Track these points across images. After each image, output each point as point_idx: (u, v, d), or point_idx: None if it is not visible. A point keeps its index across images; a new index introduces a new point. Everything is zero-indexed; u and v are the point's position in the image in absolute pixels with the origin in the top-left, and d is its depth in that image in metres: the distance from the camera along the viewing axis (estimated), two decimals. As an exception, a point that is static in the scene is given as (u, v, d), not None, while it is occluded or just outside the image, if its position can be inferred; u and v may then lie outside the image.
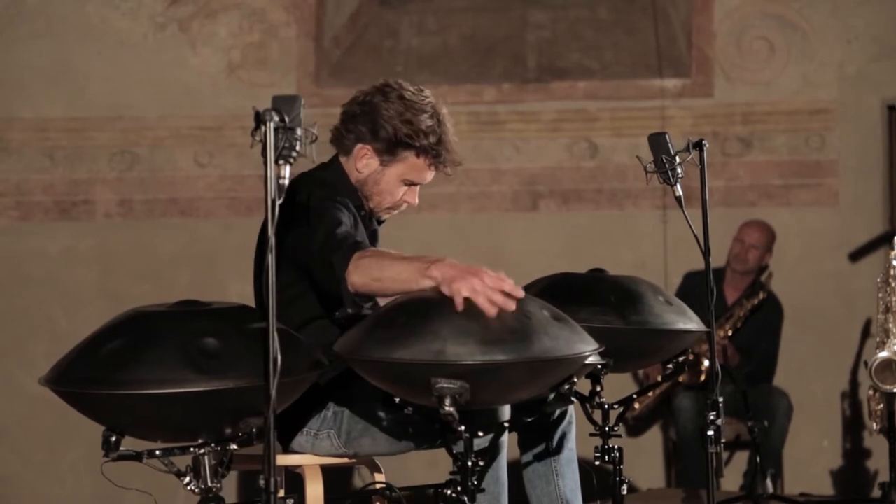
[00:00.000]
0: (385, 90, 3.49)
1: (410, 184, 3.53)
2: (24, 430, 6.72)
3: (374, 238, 3.61)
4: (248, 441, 2.75)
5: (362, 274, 3.03)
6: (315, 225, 3.24)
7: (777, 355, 6.45)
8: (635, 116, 6.74)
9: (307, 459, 3.48)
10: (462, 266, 2.91)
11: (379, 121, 3.45)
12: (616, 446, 3.55)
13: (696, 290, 5.56)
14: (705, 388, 5.95)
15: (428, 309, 2.91)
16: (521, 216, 6.82)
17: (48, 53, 6.78)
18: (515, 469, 3.68)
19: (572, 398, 3.05)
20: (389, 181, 3.51)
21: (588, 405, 3.55)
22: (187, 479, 2.82)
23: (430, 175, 3.54)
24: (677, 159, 3.61)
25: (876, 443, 6.30)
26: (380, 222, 3.65)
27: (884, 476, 5.90)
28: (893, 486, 5.02)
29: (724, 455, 6.40)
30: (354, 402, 3.43)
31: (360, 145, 3.49)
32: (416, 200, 3.57)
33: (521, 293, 2.90)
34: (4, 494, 6.74)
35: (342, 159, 3.54)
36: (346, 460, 3.54)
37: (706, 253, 3.67)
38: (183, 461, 2.84)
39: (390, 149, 3.47)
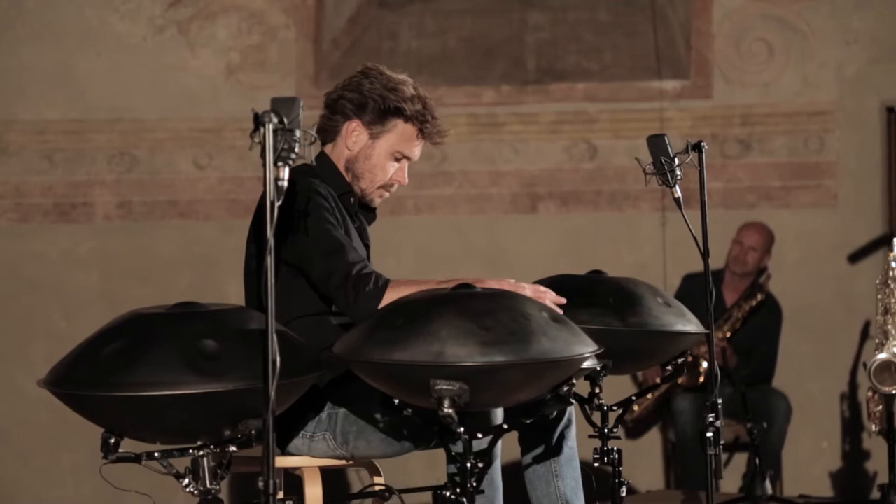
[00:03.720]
0: (366, 72, 3.57)
1: (401, 157, 3.56)
2: (24, 433, 6.72)
3: (362, 234, 3.62)
4: (247, 443, 2.76)
5: None
6: (324, 250, 3.31)
7: (776, 357, 6.45)
8: (634, 118, 6.74)
9: (306, 461, 3.48)
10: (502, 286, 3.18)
11: (365, 94, 3.52)
12: (615, 448, 3.55)
13: (695, 291, 5.56)
14: (704, 390, 5.95)
15: (427, 310, 2.91)
16: (521, 218, 6.83)
17: (48, 56, 6.79)
18: (517, 471, 3.69)
19: (571, 400, 3.06)
20: (380, 154, 3.54)
21: (587, 407, 3.55)
22: (186, 480, 2.82)
23: (418, 147, 3.58)
24: (676, 161, 3.61)
25: (875, 444, 6.30)
26: (371, 211, 3.65)
27: (883, 478, 5.91)
28: (892, 488, 5.02)
29: (724, 457, 6.39)
30: (351, 404, 3.43)
31: (348, 122, 3.52)
32: (407, 179, 3.61)
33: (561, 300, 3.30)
34: (4, 496, 6.74)
35: (328, 148, 3.58)
36: (344, 462, 3.54)
37: (705, 255, 3.67)
38: (182, 463, 2.84)
39: (380, 118, 3.52)
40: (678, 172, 3.61)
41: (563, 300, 3.31)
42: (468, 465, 2.99)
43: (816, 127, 6.75)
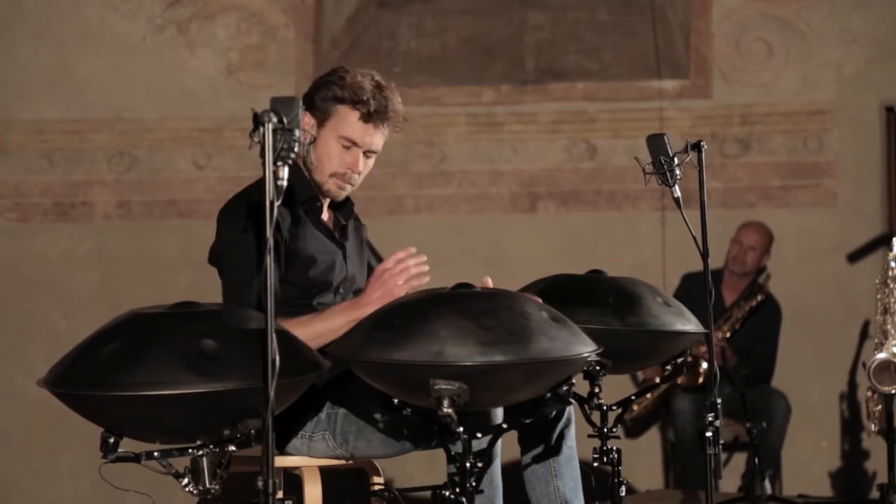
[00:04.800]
0: (331, 71, 3.60)
1: (349, 145, 3.53)
2: (24, 433, 6.72)
3: (343, 234, 3.62)
4: (246, 443, 2.76)
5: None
6: (224, 290, 3.48)
7: (775, 357, 6.45)
8: (634, 118, 6.74)
9: (305, 461, 3.48)
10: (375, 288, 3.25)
11: (317, 88, 3.55)
12: (615, 448, 3.55)
13: (694, 291, 5.56)
14: (704, 390, 5.95)
15: (427, 310, 2.91)
16: (520, 218, 6.83)
17: (47, 56, 6.79)
18: (517, 470, 3.69)
19: (571, 399, 3.06)
20: (326, 140, 3.53)
21: (587, 406, 3.55)
22: (186, 480, 2.82)
23: (366, 132, 3.53)
24: (676, 161, 3.61)
25: (874, 444, 6.30)
26: (346, 209, 3.65)
27: (882, 477, 5.91)
28: (892, 488, 5.02)
29: (723, 456, 6.40)
30: (351, 404, 3.43)
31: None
32: (361, 166, 3.56)
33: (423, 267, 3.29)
34: (4, 496, 6.74)
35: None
36: (343, 462, 3.54)
37: (704, 254, 3.67)
38: (181, 463, 2.84)
39: (322, 106, 3.53)
40: (677, 172, 3.61)
41: (423, 258, 3.33)
42: (468, 464, 2.99)
43: (816, 126, 6.75)
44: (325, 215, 3.62)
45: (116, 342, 2.74)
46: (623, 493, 3.58)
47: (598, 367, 3.44)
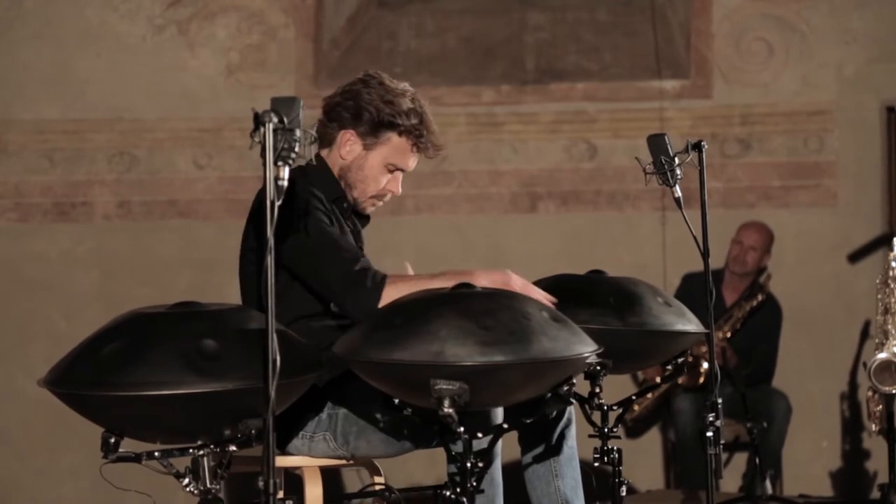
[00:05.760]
0: (365, 79, 3.56)
1: (394, 169, 3.56)
2: (24, 433, 6.72)
3: (356, 238, 3.62)
4: (247, 442, 2.76)
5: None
6: (318, 249, 3.33)
7: (776, 357, 6.45)
8: (634, 118, 6.74)
9: (306, 461, 3.48)
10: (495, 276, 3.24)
11: (361, 104, 3.51)
12: (615, 448, 3.55)
13: (694, 291, 5.56)
14: (704, 390, 5.95)
15: (427, 310, 2.91)
16: (520, 218, 6.82)
17: (47, 56, 6.79)
18: (517, 470, 3.69)
19: (571, 399, 3.06)
20: (373, 166, 3.54)
21: (587, 406, 3.55)
22: (186, 480, 2.82)
23: (412, 160, 3.58)
24: (676, 161, 3.61)
25: (875, 444, 6.30)
26: (364, 217, 3.65)
27: (883, 477, 5.91)
28: (892, 488, 5.01)
29: (724, 456, 6.39)
30: (351, 404, 3.43)
31: (343, 131, 3.52)
32: (400, 189, 3.61)
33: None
34: (4, 496, 6.74)
35: (324, 152, 3.58)
36: (344, 462, 3.54)
37: (705, 254, 3.67)
38: (182, 462, 2.84)
39: (373, 131, 3.51)
40: (678, 172, 3.61)
41: (555, 300, 3.31)
42: (468, 464, 2.99)
43: (816, 127, 6.75)
44: None
45: (116, 342, 2.75)
46: (623, 493, 3.58)
47: (598, 367, 3.44)
